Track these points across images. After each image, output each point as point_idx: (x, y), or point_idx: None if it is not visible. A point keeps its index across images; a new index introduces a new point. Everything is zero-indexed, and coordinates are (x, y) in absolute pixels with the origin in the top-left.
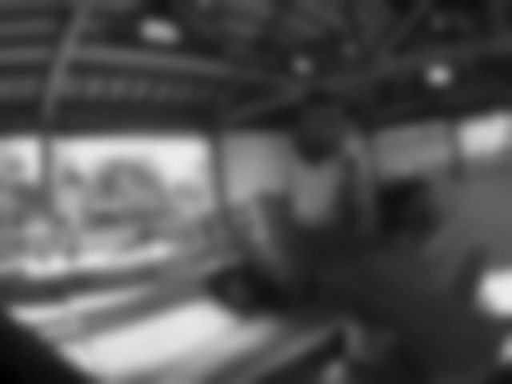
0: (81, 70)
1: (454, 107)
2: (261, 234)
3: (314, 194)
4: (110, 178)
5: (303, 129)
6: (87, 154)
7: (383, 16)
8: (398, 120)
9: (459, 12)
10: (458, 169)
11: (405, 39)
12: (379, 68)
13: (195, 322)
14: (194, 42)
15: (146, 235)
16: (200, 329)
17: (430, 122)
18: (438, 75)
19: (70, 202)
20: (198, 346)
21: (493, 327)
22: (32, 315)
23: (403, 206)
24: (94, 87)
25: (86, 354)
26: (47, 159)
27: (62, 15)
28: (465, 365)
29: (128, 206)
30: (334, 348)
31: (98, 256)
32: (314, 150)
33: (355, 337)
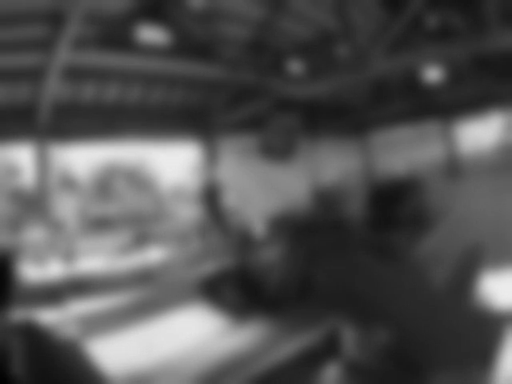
0: (75, 74)
1: (449, 106)
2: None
3: (279, 188)
4: (105, 183)
5: (265, 134)
6: (83, 158)
7: (376, 16)
8: (392, 119)
9: (452, 10)
10: (453, 167)
11: (398, 39)
12: (373, 68)
13: (190, 324)
14: (187, 45)
15: (142, 239)
16: (195, 331)
17: (424, 121)
18: (432, 74)
19: (66, 207)
20: (193, 347)
21: (490, 323)
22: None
23: (398, 205)
24: (88, 92)
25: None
26: (43, 164)
27: (56, 20)
28: (461, 362)
29: (124, 210)
30: (329, 348)
31: (94, 260)
32: (273, 153)
33: (350, 337)
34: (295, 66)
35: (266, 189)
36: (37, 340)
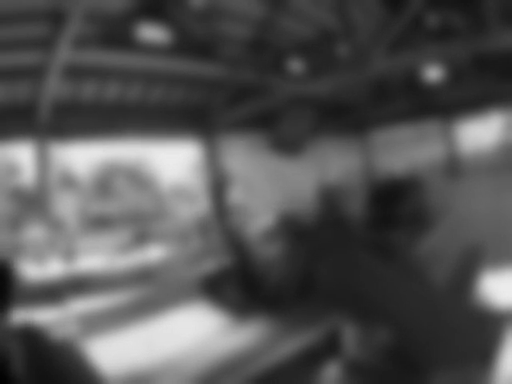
0: (75, 73)
1: (449, 105)
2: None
3: (288, 184)
4: (105, 181)
5: (278, 129)
6: (83, 157)
7: (377, 15)
8: (392, 119)
9: (453, 10)
10: (453, 167)
11: (399, 38)
12: (373, 67)
13: (191, 323)
14: (188, 44)
15: (142, 237)
16: (196, 329)
17: (424, 121)
18: (433, 73)
19: (66, 206)
20: (194, 346)
21: (490, 322)
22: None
23: (398, 205)
24: (88, 90)
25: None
26: (43, 163)
27: (57, 19)
28: (461, 361)
29: (124, 208)
30: (330, 347)
31: (94, 258)
32: (285, 148)
33: (351, 335)
34: (296, 65)
35: (274, 184)
36: (34, 341)
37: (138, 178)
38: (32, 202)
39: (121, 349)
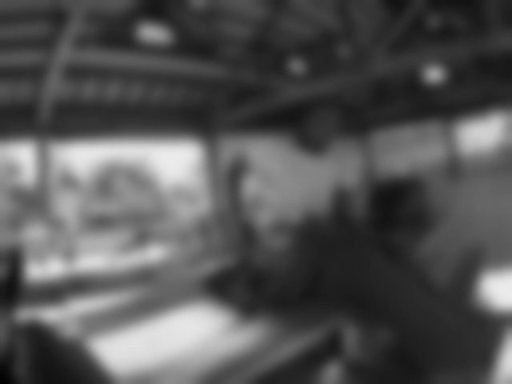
0: (76, 73)
1: (450, 106)
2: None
3: (311, 181)
4: (106, 181)
5: (306, 127)
6: (83, 157)
7: (378, 16)
8: (393, 119)
9: (454, 11)
10: (454, 167)
11: (400, 39)
12: (374, 68)
13: (193, 323)
14: (189, 44)
15: (142, 237)
16: (198, 329)
17: (425, 122)
18: (434, 74)
19: (66, 205)
20: (197, 346)
21: (491, 324)
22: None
23: (399, 205)
24: (89, 90)
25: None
26: (44, 162)
27: (58, 19)
28: (462, 362)
29: (125, 208)
30: (332, 347)
31: (95, 259)
32: (311, 145)
33: (352, 336)
34: (297, 66)
35: (294, 181)
36: (42, 338)
37: (138, 178)
38: (32, 202)
39: (123, 349)
